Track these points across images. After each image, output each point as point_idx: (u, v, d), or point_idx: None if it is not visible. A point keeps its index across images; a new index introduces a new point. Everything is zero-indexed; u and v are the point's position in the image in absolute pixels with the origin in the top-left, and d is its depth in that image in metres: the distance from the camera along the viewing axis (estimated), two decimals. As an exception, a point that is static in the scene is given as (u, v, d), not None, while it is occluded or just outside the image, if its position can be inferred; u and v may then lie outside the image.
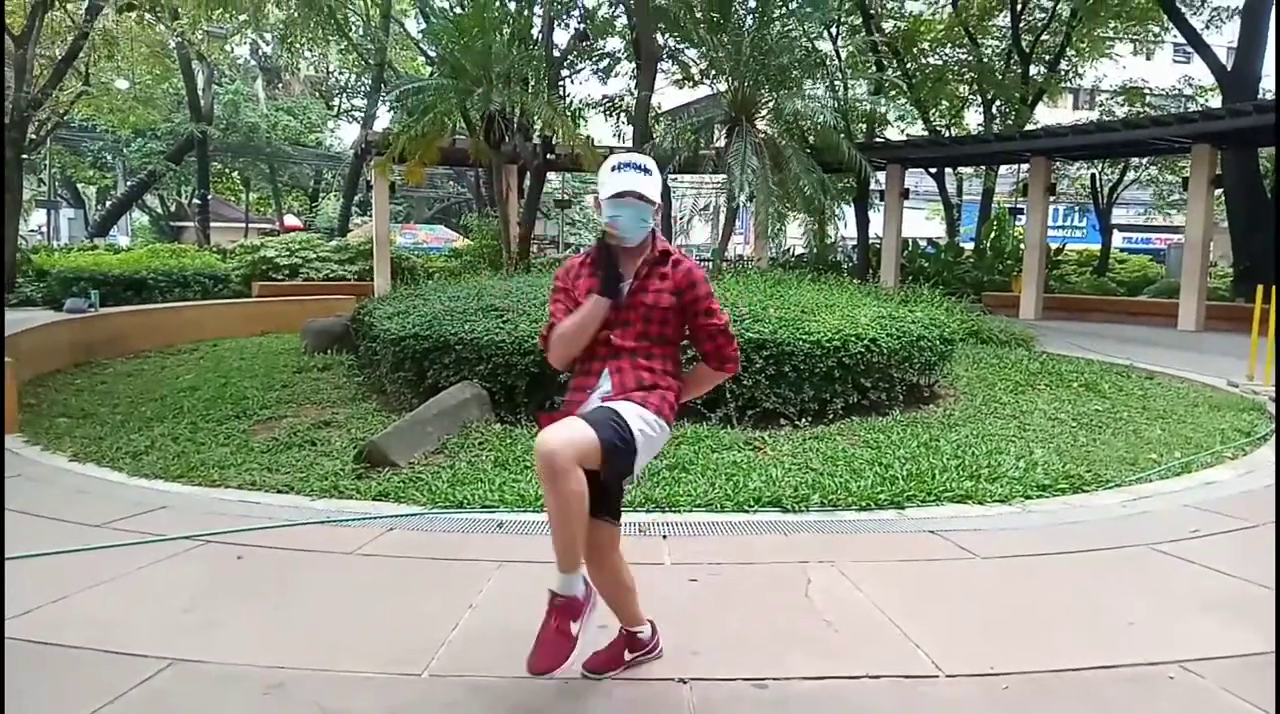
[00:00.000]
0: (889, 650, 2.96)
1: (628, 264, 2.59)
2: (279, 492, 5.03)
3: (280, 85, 38.51)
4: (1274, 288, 8.49)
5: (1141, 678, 2.80)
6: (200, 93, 27.11)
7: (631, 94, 18.89)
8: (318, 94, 39.00)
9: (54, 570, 3.67)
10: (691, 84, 19.03)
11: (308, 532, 4.28)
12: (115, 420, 6.84)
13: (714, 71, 14.34)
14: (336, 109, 39.90)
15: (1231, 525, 4.42)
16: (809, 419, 6.46)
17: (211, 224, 28.97)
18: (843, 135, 13.37)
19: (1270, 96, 18.64)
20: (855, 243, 22.54)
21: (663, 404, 2.55)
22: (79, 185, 38.70)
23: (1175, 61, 31.95)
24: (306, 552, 3.98)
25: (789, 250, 23.34)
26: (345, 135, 41.53)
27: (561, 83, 18.04)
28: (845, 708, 2.60)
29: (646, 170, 2.53)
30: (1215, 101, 21.22)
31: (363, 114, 32.83)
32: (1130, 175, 28.56)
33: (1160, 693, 2.70)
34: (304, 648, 2.96)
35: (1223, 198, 18.78)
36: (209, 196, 29.58)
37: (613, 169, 2.53)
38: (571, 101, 17.50)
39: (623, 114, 17.72)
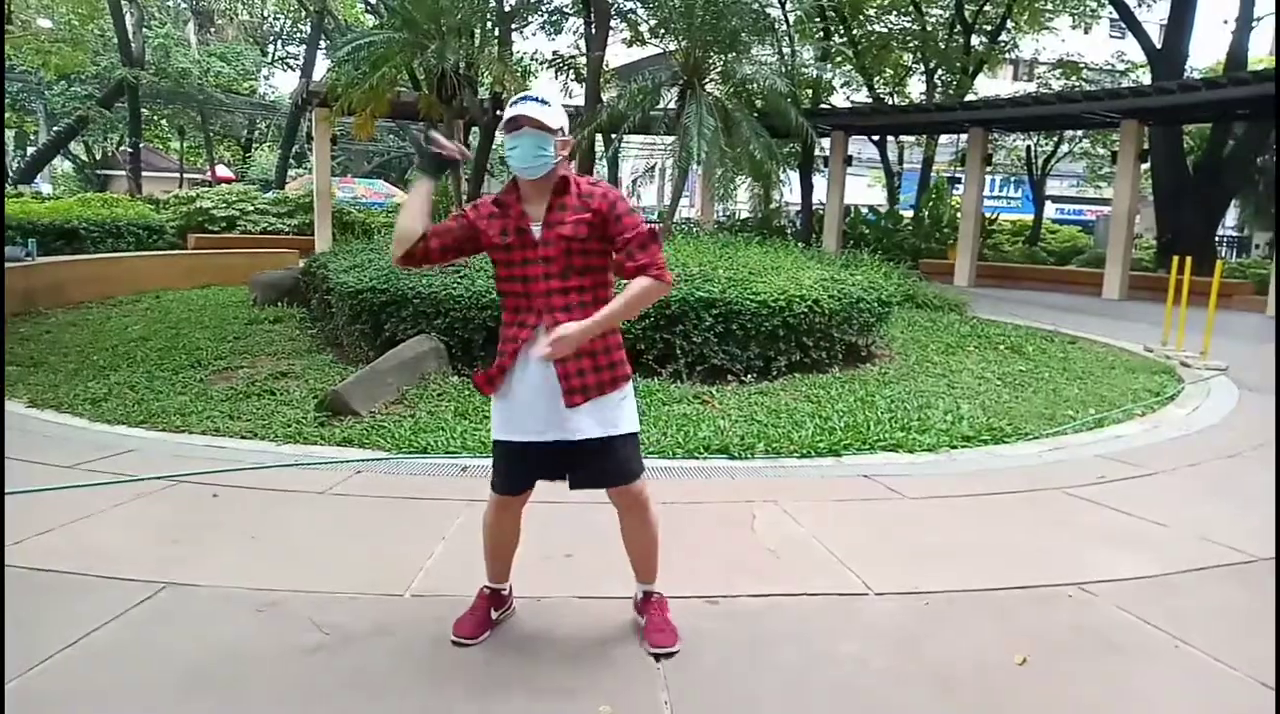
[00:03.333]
0: (825, 574, 3.31)
1: (536, 201, 2.53)
2: (243, 438, 5.18)
3: (213, 30, 37.22)
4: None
5: (1044, 597, 3.19)
6: (131, 35, 26.11)
7: (579, 50, 18.81)
8: (252, 40, 37.80)
9: (35, 506, 3.80)
10: (640, 43, 19.01)
11: (278, 473, 4.47)
12: (68, 369, 6.86)
13: (663, 31, 14.38)
14: (271, 56, 38.74)
15: (1134, 473, 4.88)
16: (754, 375, 6.80)
17: (142, 173, 28.10)
18: (789, 101, 13.56)
19: (1195, 75, 19.44)
20: (799, 208, 22.92)
21: (617, 370, 2.60)
22: (-4, 129, 37.00)
23: (1111, 36, 32.80)
24: (279, 491, 4.18)
25: (733, 214, 23.65)
26: (280, 83, 40.49)
27: (509, 38, 17.88)
28: (786, 619, 2.93)
29: (544, 101, 2.49)
30: (1146, 78, 22.02)
31: (300, 62, 32.02)
32: (1064, 148, 29.48)
33: (1059, 607, 3.09)
34: (290, 574, 3.18)
35: (1149, 172, 19.60)
36: (140, 144, 28.62)
37: (511, 104, 2.50)
38: (521, 58, 17.39)
39: (571, 72, 17.65)
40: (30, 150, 34.82)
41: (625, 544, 2.79)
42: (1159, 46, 19.60)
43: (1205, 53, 25.95)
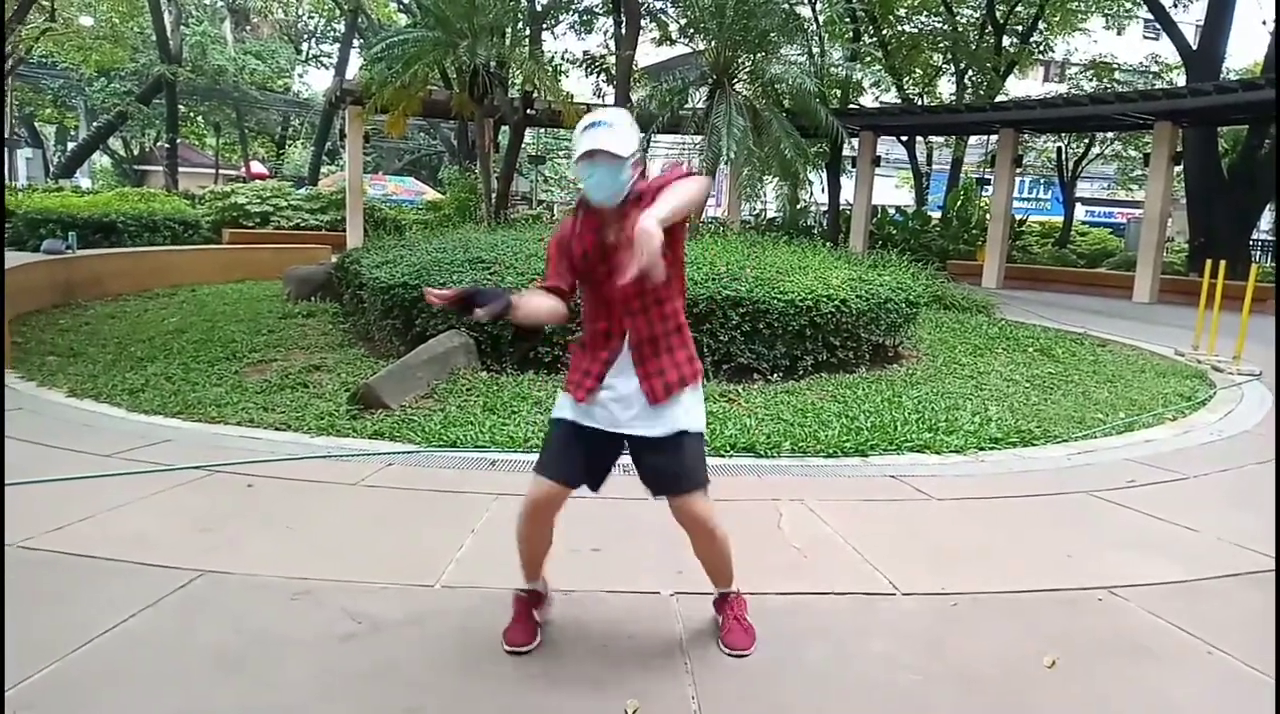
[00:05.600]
0: (852, 573, 3.32)
1: (613, 221, 2.51)
2: (277, 429, 5.25)
3: (248, 28, 37.68)
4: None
5: (1073, 600, 3.17)
6: (169, 33, 26.53)
7: (608, 49, 18.85)
8: (287, 38, 38.24)
9: (74, 493, 3.90)
10: (670, 43, 19.03)
11: (311, 465, 4.53)
12: (106, 359, 7.00)
13: (693, 31, 14.40)
14: (305, 54, 39.16)
15: (1165, 477, 4.83)
16: (780, 374, 6.80)
17: (178, 169, 28.58)
18: (818, 100, 13.52)
19: (1232, 77, 19.11)
20: (826, 208, 22.83)
21: (695, 363, 2.62)
22: (37, 124, 37.72)
23: (1145, 38, 32.38)
24: (313, 482, 4.25)
25: (760, 213, 23.57)
26: (314, 81, 40.95)
27: (540, 37, 17.97)
28: (812, 617, 2.95)
29: (610, 125, 2.43)
30: (1180, 79, 21.69)
31: (334, 60, 32.36)
32: (1095, 150, 29.12)
33: (1088, 611, 3.08)
34: (322, 563, 3.23)
35: (1182, 175, 19.32)
36: (177, 140, 29.08)
37: (581, 130, 2.44)
38: (552, 57, 17.49)
39: (602, 72, 17.71)
40: (71, 145, 35.46)
41: (696, 556, 2.74)
42: (1195, 48, 19.30)
43: (1243, 55, 25.43)
